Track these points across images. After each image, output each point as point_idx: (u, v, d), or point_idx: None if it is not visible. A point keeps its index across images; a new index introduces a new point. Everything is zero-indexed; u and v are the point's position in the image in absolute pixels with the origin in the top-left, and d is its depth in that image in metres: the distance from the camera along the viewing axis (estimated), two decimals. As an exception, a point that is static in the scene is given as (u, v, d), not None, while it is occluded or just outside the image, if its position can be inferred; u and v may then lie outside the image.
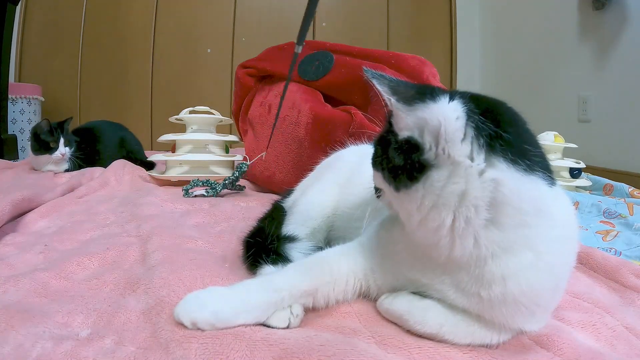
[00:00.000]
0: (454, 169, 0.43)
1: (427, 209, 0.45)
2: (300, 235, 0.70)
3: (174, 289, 0.61)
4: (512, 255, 0.44)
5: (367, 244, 0.58)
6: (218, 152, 1.53)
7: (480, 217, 0.43)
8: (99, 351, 0.49)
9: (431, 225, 0.45)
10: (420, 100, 0.45)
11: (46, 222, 0.98)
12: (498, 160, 0.42)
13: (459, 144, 0.43)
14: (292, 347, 0.47)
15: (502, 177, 0.42)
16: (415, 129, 0.45)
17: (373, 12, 3.16)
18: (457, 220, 0.44)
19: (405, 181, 0.45)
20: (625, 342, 0.55)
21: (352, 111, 1.16)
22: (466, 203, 0.43)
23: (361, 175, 0.73)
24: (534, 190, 0.43)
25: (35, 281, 0.65)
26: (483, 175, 0.42)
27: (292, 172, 1.24)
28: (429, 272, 0.51)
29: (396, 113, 0.46)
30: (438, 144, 0.43)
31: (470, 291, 0.47)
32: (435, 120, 0.43)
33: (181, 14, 2.92)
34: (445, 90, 0.47)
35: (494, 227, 0.44)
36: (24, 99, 2.32)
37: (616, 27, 2.09)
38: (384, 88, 0.46)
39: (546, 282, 0.46)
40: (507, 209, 0.43)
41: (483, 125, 0.43)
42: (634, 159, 1.99)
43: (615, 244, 0.97)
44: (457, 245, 0.45)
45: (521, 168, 0.42)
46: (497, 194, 0.42)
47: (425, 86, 0.47)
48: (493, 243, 0.44)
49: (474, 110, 0.44)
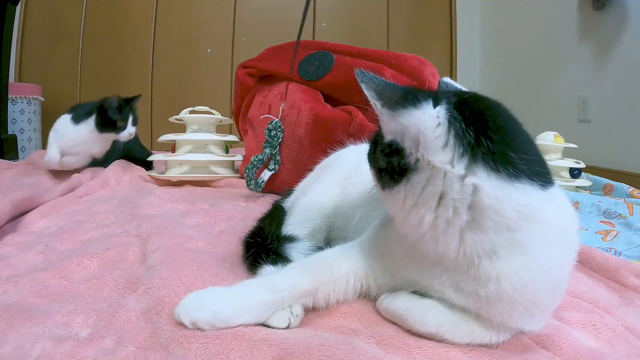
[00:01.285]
0: (433, 173, 0.44)
1: (408, 208, 0.46)
2: (300, 235, 0.70)
3: (174, 289, 0.61)
4: (502, 256, 0.45)
5: (368, 244, 0.59)
6: (218, 152, 1.53)
7: (461, 218, 0.44)
8: (99, 351, 0.49)
9: (413, 223, 0.47)
10: (402, 106, 0.45)
11: (46, 222, 0.98)
12: (478, 169, 0.43)
13: (439, 150, 0.43)
14: (292, 347, 0.47)
15: (481, 184, 0.43)
16: (397, 134, 0.46)
17: (373, 12, 3.16)
18: (438, 219, 0.45)
19: (388, 182, 0.47)
20: (625, 342, 0.55)
21: (352, 111, 1.16)
22: (445, 204, 0.44)
23: (361, 175, 0.73)
24: (518, 197, 0.43)
25: (35, 281, 0.65)
26: (463, 180, 0.43)
27: (292, 172, 1.24)
28: (427, 273, 0.51)
29: (380, 117, 0.47)
30: (418, 150, 0.44)
31: (468, 290, 0.47)
32: (414, 127, 0.44)
33: (181, 14, 2.92)
34: (433, 94, 0.46)
35: (477, 228, 0.44)
36: (24, 99, 2.32)
37: (616, 27, 2.09)
38: (370, 92, 0.46)
39: (540, 282, 0.46)
40: (487, 212, 0.43)
41: (464, 133, 0.43)
42: (634, 159, 1.99)
43: (615, 244, 0.97)
44: (440, 242, 0.46)
45: (503, 175, 0.43)
46: (476, 198, 0.43)
47: (410, 90, 0.46)
48: (477, 243, 0.45)
49: (456, 117, 0.44)
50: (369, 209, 0.68)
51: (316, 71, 1.30)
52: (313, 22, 3.08)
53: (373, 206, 0.68)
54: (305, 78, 1.32)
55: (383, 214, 0.61)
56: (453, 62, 3.26)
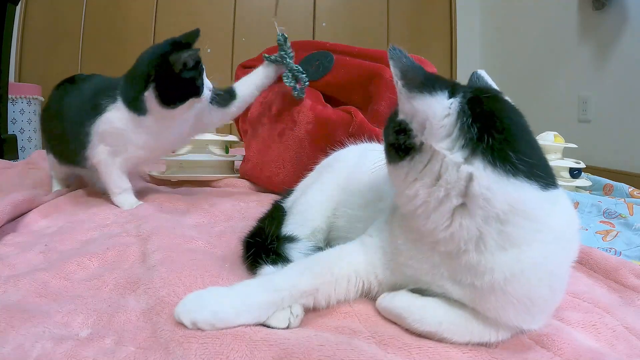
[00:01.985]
0: (434, 156, 0.47)
1: (409, 182, 0.49)
2: (300, 236, 0.70)
3: (174, 289, 0.61)
4: (491, 247, 0.46)
5: (369, 241, 0.59)
6: (218, 152, 1.53)
7: (451, 200, 0.47)
8: (99, 351, 0.49)
9: (408, 194, 0.49)
10: (419, 91, 0.47)
11: (46, 222, 0.98)
12: (476, 160, 0.45)
13: (443, 138, 0.46)
14: (292, 347, 0.47)
15: (476, 173, 0.45)
16: (408, 115, 0.49)
17: (373, 12, 3.16)
18: (431, 197, 0.48)
19: (394, 157, 0.51)
20: (625, 342, 0.55)
21: (352, 111, 1.16)
22: (439, 185, 0.47)
23: (361, 174, 0.73)
24: (512, 192, 0.45)
25: (35, 281, 0.65)
26: (460, 167, 0.46)
27: (292, 172, 1.24)
28: (427, 264, 0.51)
29: (399, 96, 0.49)
30: (423, 134, 0.47)
31: (465, 282, 0.48)
32: (423, 113, 0.47)
33: (181, 14, 2.92)
34: (452, 85, 0.49)
35: (466, 214, 0.46)
36: (24, 98, 2.32)
37: (616, 27, 2.09)
38: (395, 70, 0.49)
39: (534, 277, 0.46)
40: (478, 200, 0.45)
41: (469, 127, 0.46)
42: (634, 159, 1.99)
43: (615, 244, 0.97)
44: (431, 218, 0.48)
45: (499, 170, 0.45)
46: (469, 185, 0.46)
47: (432, 77, 0.49)
48: (463, 227, 0.47)
49: (466, 111, 0.46)
50: (369, 210, 0.68)
51: (316, 71, 1.30)
52: (313, 22, 3.08)
53: (373, 207, 0.68)
54: (305, 78, 1.32)
55: (386, 213, 0.61)
56: (453, 62, 3.26)
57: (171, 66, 0.89)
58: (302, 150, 1.24)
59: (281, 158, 1.28)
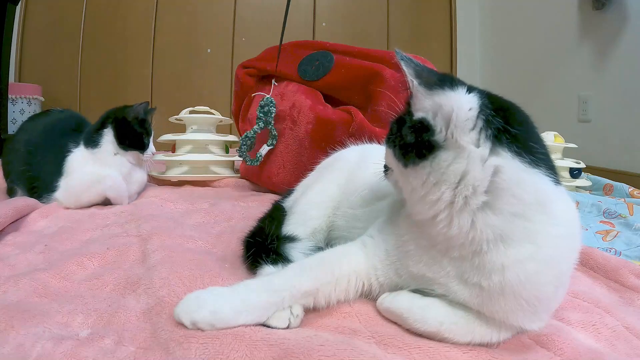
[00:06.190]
0: (460, 152, 0.46)
1: (430, 185, 0.48)
2: (301, 235, 0.70)
3: (174, 289, 0.61)
4: (510, 244, 0.46)
5: (370, 242, 0.59)
6: (218, 152, 1.53)
7: (478, 198, 0.46)
8: (99, 351, 0.49)
9: (431, 199, 0.48)
10: (440, 86, 0.48)
11: (46, 222, 0.98)
12: (503, 150, 0.45)
13: (468, 131, 0.46)
14: (292, 347, 0.47)
15: (504, 164, 0.45)
16: (429, 112, 0.48)
17: (373, 12, 3.16)
18: (457, 197, 0.47)
19: (414, 158, 0.48)
20: (625, 342, 0.55)
21: (352, 111, 1.16)
22: (466, 182, 0.46)
23: (361, 174, 0.73)
24: (537, 183, 0.45)
25: (35, 281, 0.65)
26: (486, 161, 0.45)
27: (292, 172, 1.24)
28: (435, 264, 0.51)
29: (416, 94, 0.49)
30: (448, 128, 0.46)
31: (472, 282, 0.48)
32: (449, 107, 0.46)
33: (181, 13, 2.92)
34: (465, 83, 0.50)
35: (490, 212, 0.46)
36: (24, 99, 2.32)
37: (616, 27, 2.09)
38: (409, 70, 0.50)
39: (545, 276, 0.46)
40: (505, 195, 0.45)
41: (493, 119, 0.46)
42: (634, 159, 1.99)
43: (615, 244, 0.97)
44: (454, 222, 0.47)
45: (525, 160, 0.45)
46: (497, 179, 0.45)
47: (447, 75, 0.50)
48: (488, 227, 0.46)
49: (487, 105, 0.47)
50: (369, 210, 0.68)
51: (316, 71, 1.30)
52: (313, 22, 3.08)
53: (373, 207, 0.68)
54: (306, 78, 1.32)
55: (387, 212, 0.61)
56: (453, 62, 3.26)
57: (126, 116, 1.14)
58: (302, 150, 1.24)
59: (281, 158, 1.28)
